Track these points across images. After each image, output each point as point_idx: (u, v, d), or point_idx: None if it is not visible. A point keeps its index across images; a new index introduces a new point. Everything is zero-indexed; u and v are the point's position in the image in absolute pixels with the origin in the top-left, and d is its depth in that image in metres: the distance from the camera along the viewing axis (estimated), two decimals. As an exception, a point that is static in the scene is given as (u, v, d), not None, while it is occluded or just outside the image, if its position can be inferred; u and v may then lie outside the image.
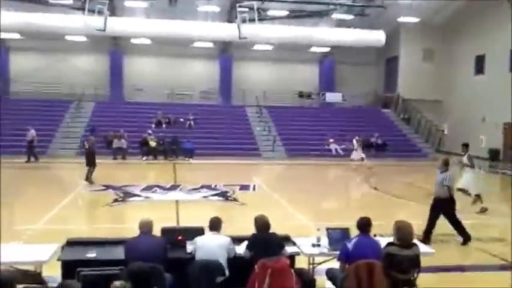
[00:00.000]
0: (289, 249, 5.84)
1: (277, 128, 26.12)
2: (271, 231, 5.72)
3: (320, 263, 6.17)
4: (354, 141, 22.62)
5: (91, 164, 14.90)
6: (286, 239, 6.22)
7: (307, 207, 12.39)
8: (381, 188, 15.48)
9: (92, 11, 21.20)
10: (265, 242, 5.49)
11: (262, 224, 5.66)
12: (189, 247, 5.77)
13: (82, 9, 22.04)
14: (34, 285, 5.15)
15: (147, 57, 30.04)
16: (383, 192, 14.73)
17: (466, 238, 8.66)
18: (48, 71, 28.26)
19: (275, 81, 30.38)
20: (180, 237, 6.03)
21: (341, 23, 27.13)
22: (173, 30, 24.74)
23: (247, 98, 29.14)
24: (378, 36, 25.86)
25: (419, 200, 12.09)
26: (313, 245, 6.08)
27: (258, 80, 30.11)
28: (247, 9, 23.07)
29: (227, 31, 24.79)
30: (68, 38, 26.62)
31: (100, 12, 20.99)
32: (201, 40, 27.63)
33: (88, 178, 14.72)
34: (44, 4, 22.78)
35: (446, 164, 8.90)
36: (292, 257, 5.86)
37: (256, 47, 29.02)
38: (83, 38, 26.73)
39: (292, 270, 5.27)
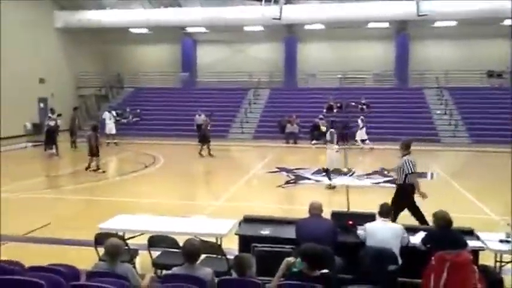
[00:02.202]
0: (472, 243, 5.27)
1: (459, 111, 23.93)
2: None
3: (509, 262, 5.44)
4: (359, 121, 20.46)
5: (203, 141, 17.59)
6: (469, 233, 5.65)
7: (494, 199, 11.06)
8: None
9: (268, 1, 22.03)
10: (445, 239, 4.97)
11: (442, 220, 5.12)
12: (360, 232, 5.64)
13: (259, 0, 23.06)
14: (214, 255, 5.59)
15: (320, 43, 30.19)
16: None
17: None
18: (228, 61, 30.45)
19: (458, 60, 27.69)
20: (350, 222, 5.95)
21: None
22: (348, 12, 24.40)
23: (425, 80, 27.29)
24: None
25: None
26: (502, 241, 5.40)
27: (439, 60, 27.84)
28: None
29: (405, 9, 23.48)
30: (246, 28, 28.27)
31: (276, 2, 21.67)
32: (377, 21, 26.64)
33: (200, 152, 17.47)
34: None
35: (406, 147, 8.03)
36: (475, 253, 5.27)
37: (437, 24, 26.82)
38: (260, 28, 28.06)
39: (475, 267, 4.74)
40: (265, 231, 5.96)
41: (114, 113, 22.69)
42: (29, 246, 7.58)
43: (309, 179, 13.28)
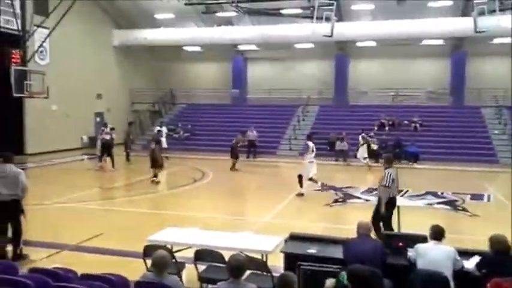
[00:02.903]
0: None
1: (519, 131, 22.81)
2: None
3: None
4: (360, 138, 20.17)
5: (234, 157, 18.42)
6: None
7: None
8: None
9: (319, 18, 22.06)
10: (502, 265, 4.74)
11: (499, 244, 4.89)
12: (410, 254, 5.45)
13: (310, 17, 23.12)
14: (259, 271, 5.56)
15: (371, 60, 29.84)
16: None
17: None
18: (278, 78, 30.61)
19: (518, 78, 26.50)
20: (400, 244, 5.76)
21: None
22: (401, 30, 23.99)
23: (483, 98, 26.28)
24: None
25: None
26: None
27: (497, 78, 26.72)
28: (485, 0, 20.71)
29: (461, 25, 22.80)
30: (296, 46, 28.37)
31: (327, 19, 21.62)
32: (432, 38, 26.06)
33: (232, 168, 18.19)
34: (276, 16, 24.74)
35: (388, 161, 8.39)
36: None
37: (495, 41, 25.85)
38: (311, 45, 28.09)
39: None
40: (312, 250, 5.87)
41: (165, 128, 23.31)
42: (82, 255, 7.85)
43: (358, 198, 13.02)
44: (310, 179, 13.55)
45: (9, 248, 7.30)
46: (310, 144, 13.72)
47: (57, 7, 16.50)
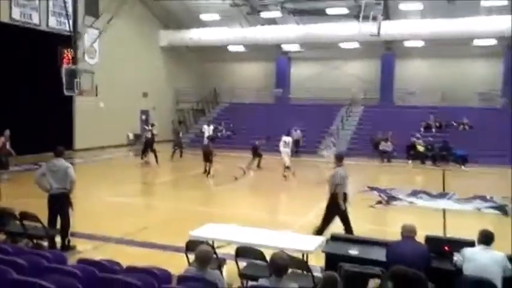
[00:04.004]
0: None
1: None
2: None
3: None
4: (331, 142, 20.00)
5: (257, 156, 18.48)
6: None
7: None
8: None
9: (366, 17, 21.71)
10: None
11: None
12: (456, 259, 5.27)
13: (357, 16, 22.80)
14: (299, 271, 5.53)
15: (419, 60, 29.08)
16: None
17: None
18: (322, 78, 30.37)
19: None
20: (446, 248, 5.59)
21: None
22: (451, 29, 23.27)
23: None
24: None
25: None
26: None
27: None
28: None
29: (515, 24, 21.87)
30: (341, 45, 28.04)
31: (374, 18, 21.25)
32: (483, 37, 25.10)
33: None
34: (321, 15, 24.55)
35: (338, 160, 8.61)
36: None
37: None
38: (356, 45, 27.70)
39: None
40: (354, 251, 5.79)
41: (212, 126, 23.59)
42: (126, 247, 8.05)
43: (403, 200, 12.71)
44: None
45: (58, 239, 7.58)
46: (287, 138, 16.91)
47: (107, 9, 17.01)
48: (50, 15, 20.34)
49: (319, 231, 8.15)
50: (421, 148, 21.19)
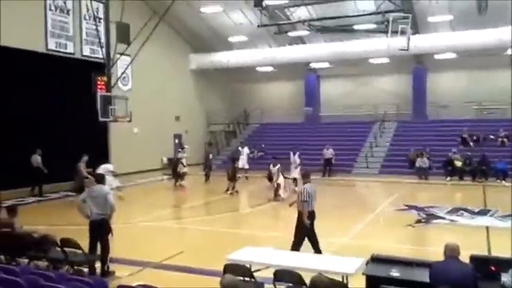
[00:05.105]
0: None
1: None
2: None
3: None
4: (296, 157, 19.35)
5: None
6: None
7: None
8: None
9: (394, 32, 21.56)
10: None
11: None
12: (505, 280, 5.05)
13: (385, 31, 22.68)
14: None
15: (451, 72, 28.51)
16: None
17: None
18: (352, 95, 30.14)
19: None
20: (493, 268, 5.35)
21: None
22: (483, 40, 22.79)
23: None
24: None
25: None
26: None
27: None
28: None
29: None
30: (371, 61, 27.85)
31: (403, 32, 21.09)
32: (517, 47, 24.46)
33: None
34: (349, 31, 24.50)
35: (305, 177, 8.67)
36: None
37: None
38: (386, 60, 27.46)
39: None
40: (395, 273, 5.61)
41: (246, 148, 23.69)
42: (163, 272, 8.07)
43: (443, 218, 12.34)
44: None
45: (98, 265, 7.67)
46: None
47: (138, 35, 17.46)
48: (83, 44, 21.09)
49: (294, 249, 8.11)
50: (459, 163, 20.61)
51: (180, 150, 21.01)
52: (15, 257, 7.73)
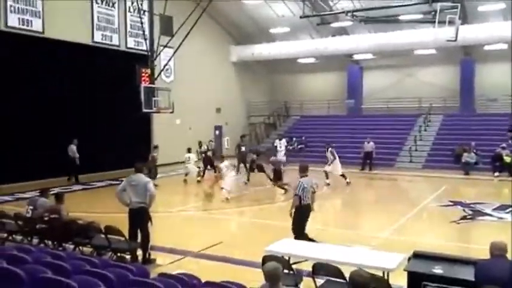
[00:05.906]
0: None
1: None
2: None
3: None
4: (329, 154, 17.84)
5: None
6: None
7: None
8: None
9: (442, 22, 20.82)
10: None
11: None
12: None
13: (432, 22, 21.93)
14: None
15: (502, 63, 27.27)
16: None
17: None
18: (396, 87, 29.41)
19: None
20: (544, 267, 5.09)
21: None
22: (536, 29, 21.69)
23: None
24: None
25: None
26: None
27: None
28: None
29: None
30: (416, 52, 27.06)
31: (451, 22, 20.34)
32: None
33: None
34: (394, 22, 23.84)
35: (302, 171, 8.69)
36: None
37: None
38: (432, 51, 26.60)
39: None
40: (438, 270, 5.44)
41: (284, 141, 23.38)
42: (203, 261, 8.16)
43: (490, 215, 11.89)
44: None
45: (139, 252, 7.84)
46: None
47: (181, 28, 17.66)
48: (128, 36, 21.55)
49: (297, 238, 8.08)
50: (508, 159, 19.77)
51: (211, 140, 21.14)
52: (62, 242, 8.03)
